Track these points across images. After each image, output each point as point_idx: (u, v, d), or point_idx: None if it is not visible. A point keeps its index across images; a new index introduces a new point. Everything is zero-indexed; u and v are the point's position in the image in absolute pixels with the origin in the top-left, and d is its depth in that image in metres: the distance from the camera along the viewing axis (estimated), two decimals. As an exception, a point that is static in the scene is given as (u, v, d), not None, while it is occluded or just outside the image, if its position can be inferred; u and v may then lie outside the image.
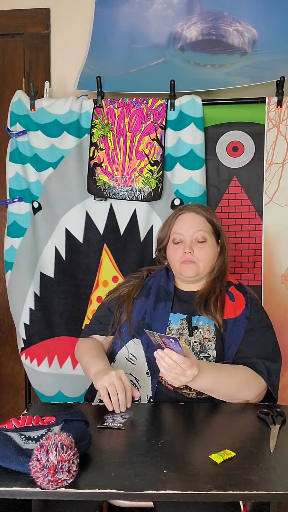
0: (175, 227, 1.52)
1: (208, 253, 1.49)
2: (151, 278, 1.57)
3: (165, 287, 1.51)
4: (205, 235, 1.49)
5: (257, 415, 1.22)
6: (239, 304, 1.46)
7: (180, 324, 1.44)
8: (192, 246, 1.48)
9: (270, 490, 0.90)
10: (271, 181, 1.85)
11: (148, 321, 1.44)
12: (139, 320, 1.46)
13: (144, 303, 1.49)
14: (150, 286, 1.53)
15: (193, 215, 1.52)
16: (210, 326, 1.42)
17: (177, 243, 1.51)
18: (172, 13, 2.00)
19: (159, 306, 1.46)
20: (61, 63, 2.12)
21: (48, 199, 1.92)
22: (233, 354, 1.39)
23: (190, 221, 1.51)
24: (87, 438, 1.02)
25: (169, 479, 0.92)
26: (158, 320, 1.44)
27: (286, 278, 1.86)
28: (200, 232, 1.49)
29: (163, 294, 1.49)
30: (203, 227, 1.50)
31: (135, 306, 1.49)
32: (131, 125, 1.86)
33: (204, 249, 1.48)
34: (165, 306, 1.46)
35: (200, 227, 1.50)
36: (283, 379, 1.80)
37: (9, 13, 2.12)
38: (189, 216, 1.52)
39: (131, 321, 1.47)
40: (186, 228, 1.50)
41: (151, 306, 1.47)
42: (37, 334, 1.95)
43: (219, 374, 1.29)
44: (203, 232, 1.49)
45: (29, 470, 0.90)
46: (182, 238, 1.50)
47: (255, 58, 1.93)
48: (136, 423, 1.20)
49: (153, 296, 1.49)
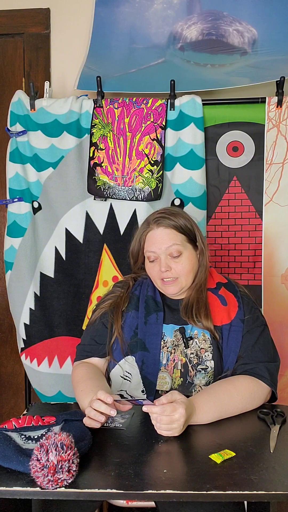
0: (146, 245, 1.43)
1: (187, 266, 1.40)
2: (137, 287, 1.48)
3: (153, 296, 1.44)
4: (179, 248, 1.39)
5: (257, 415, 1.23)
6: (231, 307, 1.41)
7: (174, 336, 1.39)
8: (167, 263, 1.38)
9: (270, 490, 0.90)
10: (271, 181, 1.85)
11: (141, 337, 1.37)
12: (131, 335, 1.39)
13: (134, 317, 1.41)
14: (137, 297, 1.45)
15: (161, 230, 1.41)
16: (206, 335, 1.38)
17: (153, 261, 1.42)
18: (172, 13, 2.00)
19: (150, 320, 1.39)
20: (61, 63, 2.12)
21: (48, 199, 1.92)
22: (232, 362, 1.35)
23: (159, 237, 1.40)
24: (87, 438, 1.03)
25: (169, 479, 0.92)
26: (152, 335, 1.37)
27: (286, 278, 1.86)
28: (173, 247, 1.39)
29: (152, 305, 1.42)
30: (175, 240, 1.39)
31: (125, 321, 1.41)
32: (131, 125, 1.86)
33: (181, 263, 1.39)
34: (157, 319, 1.39)
35: (172, 241, 1.39)
36: (283, 379, 1.80)
37: (9, 13, 2.13)
38: (157, 232, 1.41)
39: (123, 338, 1.39)
40: (158, 245, 1.40)
41: (142, 320, 1.39)
42: (37, 334, 1.95)
43: (219, 401, 1.22)
44: (175, 246, 1.39)
45: (29, 470, 0.91)
46: (156, 255, 1.41)
47: (255, 58, 1.93)
48: (136, 423, 1.20)
49: (143, 308, 1.41)
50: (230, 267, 1.89)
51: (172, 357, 1.37)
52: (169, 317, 1.42)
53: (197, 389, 1.33)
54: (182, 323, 1.41)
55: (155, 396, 1.33)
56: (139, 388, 1.36)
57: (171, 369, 1.36)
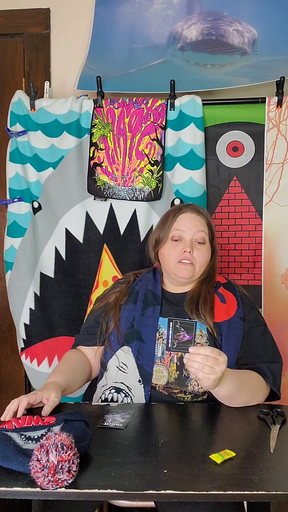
0: (176, 224, 1.47)
1: (205, 256, 1.46)
2: (138, 282, 1.52)
3: (153, 290, 1.47)
4: (205, 237, 1.47)
5: (257, 415, 1.22)
6: (230, 305, 1.43)
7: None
8: (192, 245, 1.45)
9: (270, 490, 0.90)
10: (271, 181, 1.85)
11: (137, 327, 1.40)
12: (128, 327, 1.42)
13: (132, 310, 1.45)
14: (137, 291, 1.49)
15: (195, 215, 1.49)
16: (202, 331, 1.39)
17: (176, 241, 1.46)
18: (172, 13, 2.00)
19: (147, 312, 1.43)
20: (61, 63, 2.12)
21: (48, 199, 1.92)
22: (233, 360, 1.35)
23: (192, 221, 1.47)
24: (87, 438, 1.02)
25: (169, 479, 0.92)
26: (147, 326, 1.40)
27: (286, 278, 1.86)
28: (201, 233, 1.46)
29: (150, 299, 1.45)
30: (204, 228, 1.48)
31: (123, 313, 1.45)
32: (131, 125, 1.86)
33: (202, 251, 1.46)
34: (154, 311, 1.42)
35: (202, 227, 1.47)
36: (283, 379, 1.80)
37: (9, 13, 2.13)
38: (191, 215, 1.49)
39: (120, 329, 1.43)
40: (189, 226, 1.46)
41: (139, 312, 1.43)
42: (37, 334, 1.95)
43: (239, 378, 1.26)
44: (203, 233, 1.46)
45: (29, 470, 0.90)
46: (183, 236, 1.46)
47: (255, 58, 1.93)
48: (136, 423, 1.20)
49: (141, 302, 1.45)
50: (230, 267, 1.90)
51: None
52: (166, 311, 1.44)
53: (192, 383, 1.34)
54: (179, 317, 1.41)
55: (152, 393, 1.34)
56: (136, 378, 1.36)
57: (167, 362, 1.36)
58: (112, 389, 1.39)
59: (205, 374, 1.13)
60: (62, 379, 1.33)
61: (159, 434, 1.12)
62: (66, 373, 1.38)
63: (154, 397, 1.35)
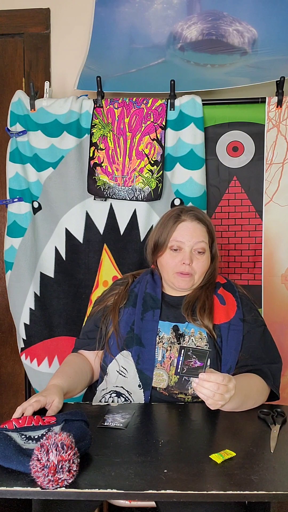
0: (175, 234, 1.43)
1: (205, 265, 1.44)
2: (136, 284, 1.50)
3: (152, 294, 1.45)
4: (205, 247, 1.43)
5: (257, 415, 1.22)
6: (230, 306, 1.43)
7: (171, 333, 1.40)
8: (191, 257, 1.42)
9: (270, 490, 0.90)
10: (271, 181, 1.85)
11: (137, 332, 1.39)
12: (127, 331, 1.41)
13: (131, 313, 1.43)
14: (136, 294, 1.47)
15: (195, 224, 1.44)
16: (202, 334, 1.38)
17: (175, 250, 1.43)
18: (172, 13, 2.00)
19: (147, 316, 1.41)
20: (61, 63, 2.12)
21: (48, 199, 1.92)
22: (234, 361, 1.35)
23: (192, 231, 1.43)
24: (87, 438, 1.03)
25: (169, 479, 0.93)
26: (147, 330, 1.39)
27: (286, 278, 1.86)
28: (201, 244, 1.42)
29: (150, 302, 1.44)
30: (204, 237, 1.44)
31: (122, 316, 1.44)
32: (131, 125, 1.86)
33: (201, 261, 1.43)
34: (153, 315, 1.41)
35: (202, 237, 1.43)
36: (283, 379, 1.80)
37: (9, 13, 2.13)
38: (191, 225, 1.44)
39: (119, 333, 1.42)
40: (188, 238, 1.42)
41: (139, 316, 1.41)
42: (37, 334, 1.95)
43: (243, 391, 1.23)
44: (203, 243, 1.43)
45: (29, 469, 0.91)
46: (182, 246, 1.42)
47: (255, 58, 1.93)
48: (136, 423, 1.20)
49: (140, 305, 1.43)
50: (230, 267, 1.90)
51: (168, 354, 1.37)
52: (166, 314, 1.43)
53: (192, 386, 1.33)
54: (179, 321, 1.42)
55: (152, 393, 1.34)
56: (136, 383, 1.36)
57: (168, 366, 1.36)
58: (113, 393, 1.38)
59: (214, 401, 1.11)
60: (65, 382, 1.32)
61: (159, 434, 1.13)
62: (69, 376, 1.36)
63: (154, 397, 1.35)
